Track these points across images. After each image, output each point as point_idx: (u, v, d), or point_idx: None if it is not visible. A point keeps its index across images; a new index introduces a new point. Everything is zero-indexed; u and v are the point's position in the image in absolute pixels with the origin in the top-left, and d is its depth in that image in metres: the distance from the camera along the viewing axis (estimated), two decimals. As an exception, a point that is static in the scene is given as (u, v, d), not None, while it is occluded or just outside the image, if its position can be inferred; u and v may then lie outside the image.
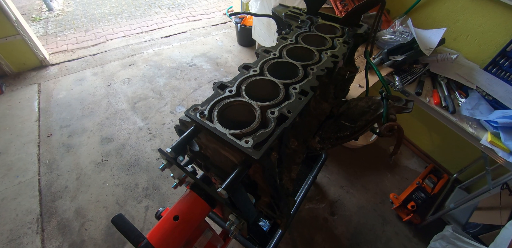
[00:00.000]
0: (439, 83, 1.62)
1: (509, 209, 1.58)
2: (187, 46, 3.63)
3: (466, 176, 2.11)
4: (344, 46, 0.92)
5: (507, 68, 1.61)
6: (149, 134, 2.41)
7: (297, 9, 1.16)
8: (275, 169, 0.76)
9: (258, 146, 0.55)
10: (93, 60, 3.27)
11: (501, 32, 1.59)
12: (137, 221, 1.83)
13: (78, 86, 2.87)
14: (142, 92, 2.84)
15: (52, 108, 2.60)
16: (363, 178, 2.21)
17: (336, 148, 2.35)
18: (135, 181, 2.05)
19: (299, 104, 0.67)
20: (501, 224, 1.42)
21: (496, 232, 1.35)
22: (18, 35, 2.76)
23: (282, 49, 0.86)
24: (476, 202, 1.67)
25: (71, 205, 1.89)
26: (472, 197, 1.52)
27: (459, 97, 1.54)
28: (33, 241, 1.71)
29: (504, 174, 1.36)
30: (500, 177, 1.38)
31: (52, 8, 4.38)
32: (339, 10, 1.86)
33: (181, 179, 0.75)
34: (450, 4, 1.76)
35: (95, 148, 2.27)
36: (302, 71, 0.78)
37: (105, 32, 3.85)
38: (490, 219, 1.64)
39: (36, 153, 2.20)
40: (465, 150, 1.99)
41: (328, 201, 2.04)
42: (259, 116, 0.62)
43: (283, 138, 0.69)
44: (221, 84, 0.72)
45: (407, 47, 1.70)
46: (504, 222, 1.50)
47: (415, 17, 1.94)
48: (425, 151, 2.39)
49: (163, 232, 0.58)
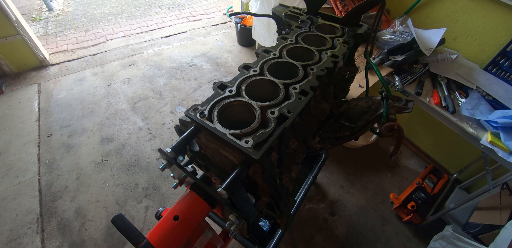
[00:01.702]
0: (439, 83, 1.62)
1: (509, 209, 1.58)
2: (187, 46, 3.63)
3: (466, 176, 2.11)
4: (344, 46, 0.92)
5: (507, 68, 1.61)
6: (149, 134, 2.41)
7: (297, 9, 1.16)
8: (275, 169, 0.76)
9: (258, 146, 0.55)
10: (93, 60, 3.27)
11: (501, 32, 1.59)
12: (137, 221, 1.83)
13: (78, 86, 2.87)
14: (142, 92, 2.84)
15: (52, 108, 2.60)
16: (363, 178, 2.21)
17: (336, 148, 2.35)
18: (135, 181, 2.05)
19: (299, 104, 0.67)
20: (501, 224, 1.42)
21: (496, 232, 1.35)
22: (18, 35, 2.75)
23: (282, 49, 0.86)
24: (476, 202, 1.67)
25: (71, 205, 1.89)
26: (472, 197, 1.52)
27: (459, 97, 1.54)
28: (33, 241, 1.71)
29: (504, 174, 1.36)
30: (500, 177, 1.38)
31: (52, 8, 4.38)
32: (339, 10, 1.86)
33: (181, 179, 0.75)
34: (450, 4, 1.76)
35: (95, 148, 2.27)
36: (302, 71, 0.78)
37: (105, 32, 3.85)
38: (490, 219, 1.64)
39: (36, 153, 2.20)
40: (465, 150, 1.99)
41: (328, 201, 2.04)
42: (259, 116, 0.62)
43: (283, 138, 0.69)
44: (221, 84, 0.72)
45: (407, 47, 1.70)
46: (504, 222, 1.50)
47: (415, 17, 1.94)
48: (425, 151, 2.39)
49: (163, 232, 0.58)
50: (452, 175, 2.19)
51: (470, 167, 2.03)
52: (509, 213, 1.57)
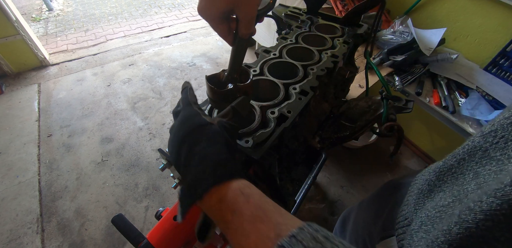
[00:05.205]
0: (439, 83, 1.62)
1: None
2: (187, 46, 3.63)
3: (466, 176, 2.11)
4: (344, 46, 0.92)
5: (507, 68, 1.61)
6: (149, 134, 2.41)
7: (297, 9, 1.16)
8: (275, 169, 0.76)
9: (258, 146, 0.55)
10: (93, 60, 3.28)
11: (501, 32, 1.59)
12: (137, 221, 1.83)
13: (78, 86, 2.87)
14: (142, 92, 2.84)
15: (52, 108, 2.60)
16: (363, 178, 2.21)
17: (336, 148, 2.35)
18: (135, 181, 2.05)
19: (299, 104, 0.67)
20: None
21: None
22: (18, 35, 2.76)
23: (282, 49, 0.86)
24: (476, 202, 1.67)
25: (71, 205, 1.89)
26: (472, 197, 1.52)
27: (459, 97, 1.53)
28: (33, 241, 1.71)
29: (504, 174, 1.36)
30: (500, 177, 1.38)
31: (52, 8, 4.38)
32: (339, 10, 1.86)
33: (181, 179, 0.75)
34: (450, 4, 1.76)
35: (95, 148, 2.27)
36: (302, 71, 0.78)
37: (105, 32, 3.85)
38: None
39: (36, 153, 2.20)
40: (465, 150, 1.98)
41: (328, 201, 2.04)
42: (259, 116, 0.62)
43: (283, 138, 0.69)
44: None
45: (407, 47, 1.70)
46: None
47: (415, 17, 1.94)
48: (425, 151, 2.39)
49: (163, 232, 0.58)
50: (452, 175, 2.19)
51: (470, 167, 2.02)
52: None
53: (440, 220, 0.41)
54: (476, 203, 0.32)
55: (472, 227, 0.32)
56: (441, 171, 0.48)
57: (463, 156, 0.43)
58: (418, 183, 0.55)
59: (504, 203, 0.29)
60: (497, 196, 0.30)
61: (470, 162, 0.42)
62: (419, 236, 0.45)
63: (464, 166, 0.43)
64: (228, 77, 0.53)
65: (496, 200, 0.30)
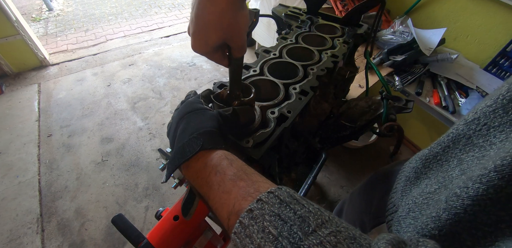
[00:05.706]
0: (439, 83, 1.62)
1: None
2: (187, 46, 3.62)
3: (466, 176, 2.11)
4: (344, 46, 0.92)
5: (507, 68, 1.61)
6: (149, 134, 2.41)
7: (297, 9, 1.16)
8: (275, 169, 0.76)
9: (258, 146, 0.55)
10: (93, 60, 3.28)
11: (501, 32, 1.59)
12: (137, 221, 1.83)
13: (78, 86, 2.87)
14: (142, 92, 2.84)
15: (52, 108, 2.60)
16: (363, 178, 2.20)
17: (336, 148, 2.35)
18: (135, 181, 2.05)
19: (299, 104, 0.67)
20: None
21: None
22: (18, 35, 2.76)
23: (282, 49, 0.86)
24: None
25: (71, 205, 1.89)
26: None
27: (459, 97, 1.54)
28: (33, 241, 1.71)
29: (504, 174, 1.36)
30: (500, 177, 1.38)
31: (52, 8, 4.38)
32: (339, 10, 1.86)
33: (181, 179, 0.75)
34: (450, 4, 1.76)
35: (95, 148, 2.27)
36: (302, 71, 0.78)
37: (105, 32, 3.85)
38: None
39: (36, 153, 2.20)
40: (465, 150, 1.98)
41: (328, 201, 2.04)
42: (259, 116, 0.62)
43: (283, 138, 0.69)
44: (221, 84, 0.72)
45: (407, 47, 1.70)
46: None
47: (415, 17, 1.94)
48: (425, 151, 2.39)
49: (163, 232, 0.58)
50: (452, 175, 2.19)
51: (470, 167, 2.02)
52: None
53: (427, 206, 0.42)
54: (463, 189, 0.33)
55: (461, 212, 0.33)
56: (427, 159, 0.49)
57: (448, 144, 0.44)
58: (405, 171, 0.56)
59: (489, 188, 0.30)
60: (483, 181, 0.31)
61: (454, 149, 0.43)
62: (407, 223, 0.46)
63: (449, 153, 0.44)
64: (231, 95, 0.55)
65: (482, 185, 0.31)
